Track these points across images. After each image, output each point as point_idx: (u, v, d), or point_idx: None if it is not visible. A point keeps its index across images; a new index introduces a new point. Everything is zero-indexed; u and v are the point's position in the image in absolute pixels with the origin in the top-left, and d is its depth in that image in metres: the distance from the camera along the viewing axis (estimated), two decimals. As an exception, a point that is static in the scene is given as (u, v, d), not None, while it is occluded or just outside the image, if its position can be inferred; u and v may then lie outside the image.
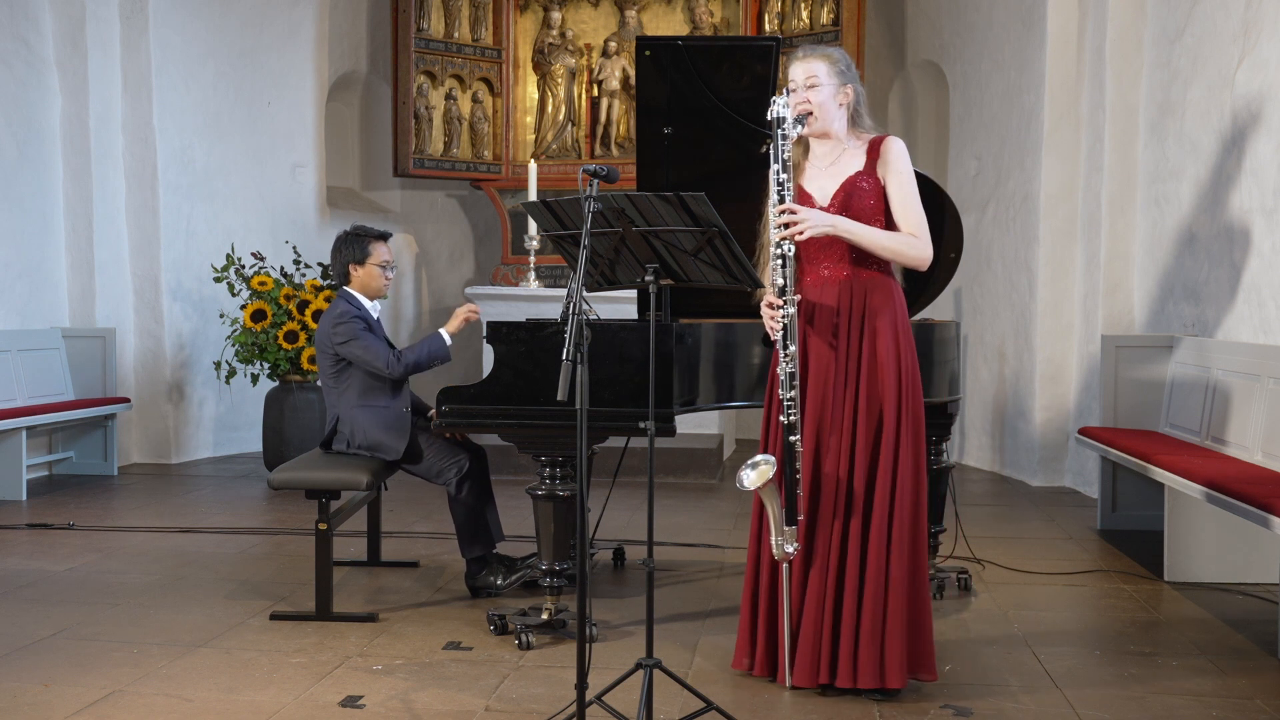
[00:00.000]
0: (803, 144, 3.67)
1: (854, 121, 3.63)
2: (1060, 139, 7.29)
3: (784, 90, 3.58)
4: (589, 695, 3.10)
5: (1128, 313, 6.93)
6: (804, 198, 3.60)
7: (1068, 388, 7.36)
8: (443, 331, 4.75)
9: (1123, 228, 6.92)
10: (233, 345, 7.68)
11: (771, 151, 3.48)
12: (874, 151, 3.58)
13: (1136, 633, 4.27)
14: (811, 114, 3.54)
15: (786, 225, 3.45)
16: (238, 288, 7.75)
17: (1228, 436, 5.21)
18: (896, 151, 3.57)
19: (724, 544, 5.70)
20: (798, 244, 3.53)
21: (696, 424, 7.98)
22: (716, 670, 3.80)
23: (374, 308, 4.89)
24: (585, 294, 3.14)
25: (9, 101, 7.47)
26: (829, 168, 3.62)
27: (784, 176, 3.48)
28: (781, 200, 3.47)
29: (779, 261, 3.48)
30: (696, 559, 5.40)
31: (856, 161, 3.59)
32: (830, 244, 3.55)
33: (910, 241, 3.53)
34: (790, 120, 3.47)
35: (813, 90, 3.54)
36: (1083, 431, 6.20)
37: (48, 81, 7.75)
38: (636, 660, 3.28)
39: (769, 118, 3.48)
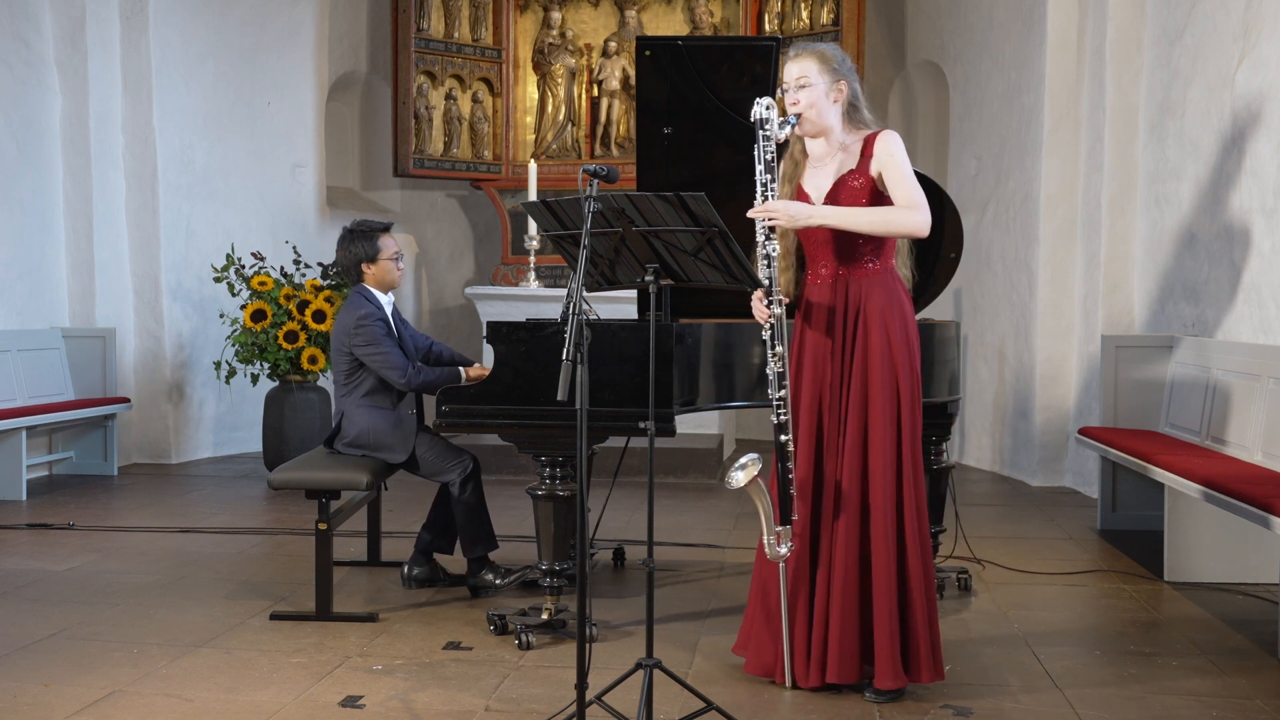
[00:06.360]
0: (802, 143, 3.65)
1: (850, 117, 3.58)
2: (1060, 139, 7.29)
3: (780, 90, 3.57)
4: (589, 695, 3.10)
5: (1128, 313, 6.93)
6: (802, 196, 3.59)
7: (1068, 388, 7.36)
8: (463, 371, 4.75)
9: (1123, 228, 6.92)
10: (233, 345, 7.68)
11: (755, 153, 3.48)
12: (868, 148, 3.53)
13: (1136, 633, 4.27)
14: (802, 115, 3.52)
15: (768, 222, 3.46)
16: (238, 288, 7.75)
17: (1228, 436, 5.21)
18: (886, 144, 3.50)
19: (724, 544, 5.69)
20: (803, 244, 3.56)
21: (696, 424, 7.98)
22: (716, 670, 3.80)
23: (388, 301, 4.90)
24: (585, 294, 3.14)
25: (9, 101, 7.47)
26: (826, 166, 3.60)
27: (767, 177, 3.48)
28: (764, 201, 3.48)
29: (765, 261, 3.49)
30: (696, 559, 5.40)
31: (851, 159, 3.55)
32: (825, 243, 3.55)
33: (899, 211, 3.45)
34: (775, 121, 3.45)
35: (804, 90, 3.51)
36: (1083, 431, 6.20)
37: (48, 81, 7.75)
38: (636, 660, 3.28)
39: (752, 119, 3.47)
